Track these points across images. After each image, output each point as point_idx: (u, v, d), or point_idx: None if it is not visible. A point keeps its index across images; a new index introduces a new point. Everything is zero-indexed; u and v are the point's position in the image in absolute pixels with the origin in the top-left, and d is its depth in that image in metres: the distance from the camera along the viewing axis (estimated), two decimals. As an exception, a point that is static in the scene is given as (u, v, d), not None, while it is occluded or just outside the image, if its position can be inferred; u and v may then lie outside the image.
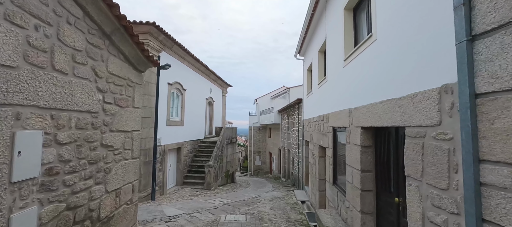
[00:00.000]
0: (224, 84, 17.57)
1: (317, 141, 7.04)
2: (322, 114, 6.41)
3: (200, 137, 13.34)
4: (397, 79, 2.70)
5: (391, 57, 2.85)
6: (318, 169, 6.84)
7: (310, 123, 8.43)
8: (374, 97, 3.22)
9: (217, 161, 11.55)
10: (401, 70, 2.61)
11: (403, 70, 2.58)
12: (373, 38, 3.31)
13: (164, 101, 9.23)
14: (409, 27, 2.47)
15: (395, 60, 2.76)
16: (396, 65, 2.72)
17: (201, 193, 9.77)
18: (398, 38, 2.69)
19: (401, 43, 2.64)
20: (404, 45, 2.56)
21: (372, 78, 3.33)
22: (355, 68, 4.00)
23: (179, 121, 10.59)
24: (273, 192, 10.68)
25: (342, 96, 4.59)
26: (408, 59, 2.49)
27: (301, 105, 10.79)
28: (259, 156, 22.97)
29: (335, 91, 5.16)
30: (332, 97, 5.46)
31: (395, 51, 2.77)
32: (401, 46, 2.64)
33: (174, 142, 10.10)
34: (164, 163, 9.19)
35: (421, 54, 2.27)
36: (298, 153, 11.08)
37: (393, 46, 2.82)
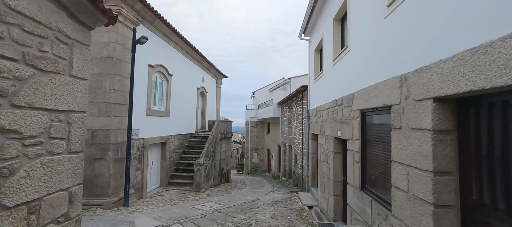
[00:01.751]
0: (219, 74, 16.02)
1: (331, 132, 5.57)
2: (340, 96, 4.94)
3: (190, 131, 11.81)
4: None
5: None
6: (333, 168, 5.38)
7: (319, 112, 6.95)
8: (468, 39, 1.75)
9: (209, 158, 10.05)
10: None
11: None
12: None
13: (143, 86, 7.68)
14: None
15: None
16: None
17: (188, 195, 8.28)
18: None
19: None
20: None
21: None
22: (412, 7, 2.52)
23: (164, 112, 9.05)
24: (273, 194, 9.22)
25: (384, 59, 3.12)
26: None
27: (306, 93, 9.32)
28: (256, 153, 21.51)
29: (367, 57, 3.68)
30: (358, 69, 3.99)
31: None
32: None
33: (158, 136, 8.56)
34: (143, 161, 7.66)
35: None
36: (302, 149, 9.63)
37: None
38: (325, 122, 6.27)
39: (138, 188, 7.48)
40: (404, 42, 2.67)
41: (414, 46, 2.49)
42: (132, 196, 6.88)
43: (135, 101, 7.16)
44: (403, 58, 2.68)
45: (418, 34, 2.42)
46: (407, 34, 2.62)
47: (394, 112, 2.77)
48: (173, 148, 9.94)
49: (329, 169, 5.72)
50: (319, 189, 6.86)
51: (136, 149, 7.32)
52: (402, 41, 2.72)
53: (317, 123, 7.27)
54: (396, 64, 2.81)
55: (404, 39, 2.67)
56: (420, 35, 2.40)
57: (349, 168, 4.35)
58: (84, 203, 5.82)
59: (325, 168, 6.15)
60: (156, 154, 8.95)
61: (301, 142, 9.73)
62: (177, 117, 10.18)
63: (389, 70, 2.92)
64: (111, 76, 6.21)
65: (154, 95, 8.58)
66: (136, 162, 7.33)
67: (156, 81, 8.69)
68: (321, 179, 6.70)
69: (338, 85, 5.17)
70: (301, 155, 9.68)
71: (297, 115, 10.74)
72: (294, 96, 11.23)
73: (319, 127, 7.00)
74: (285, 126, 13.95)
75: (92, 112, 6.09)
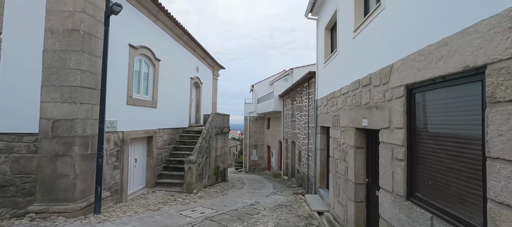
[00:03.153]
0: (215, 64, 14.82)
1: (350, 122, 4.43)
2: (366, 74, 3.80)
3: (182, 125, 10.65)
4: None
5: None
6: (354, 167, 4.25)
7: (332, 99, 5.81)
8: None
9: (202, 155, 8.91)
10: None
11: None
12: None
13: (122, 70, 6.50)
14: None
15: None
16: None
17: (177, 198, 7.14)
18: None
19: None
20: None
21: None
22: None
23: (150, 101, 7.87)
24: (275, 196, 8.10)
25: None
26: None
27: (313, 81, 8.17)
28: (255, 150, 20.39)
29: (422, 4, 2.53)
30: (402, 27, 2.83)
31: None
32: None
33: (142, 129, 7.40)
34: (123, 158, 6.50)
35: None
36: (308, 145, 8.50)
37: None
38: (340, 110, 5.13)
39: (117, 190, 6.33)
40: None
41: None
42: (106, 201, 5.73)
43: (112, 87, 6.00)
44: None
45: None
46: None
47: (495, 75, 1.62)
48: (162, 143, 8.79)
49: (347, 168, 4.59)
50: (332, 191, 5.74)
51: (113, 143, 6.16)
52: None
53: (329, 113, 6.13)
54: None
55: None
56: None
57: (383, 167, 3.22)
58: (41, 210, 4.67)
59: (340, 167, 5.02)
60: (141, 150, 7.79)
61: (307, 137, 8.60)
62: (167, 108, 9.01)
63: (482, 8, 1.76)
64: (78, 54, 5.02)
65: (137, 82, 7.40)
66: (113, 159, 6.18)
67: (141, 65, 7.50)
68: (334, 180, 5.58)
69: (363, 60, 4.01)
70: (307, 152, 8.56)
71: (302, 107, 9.59)
72: (298, 85, 10.07)
73: (331, 118, 5.86)
74: (287, 120, 12.81)
75: (53, 97, 4.92)
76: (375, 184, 3.92)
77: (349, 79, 4.69)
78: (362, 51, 4.09)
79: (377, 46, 3.50)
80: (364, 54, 3.97)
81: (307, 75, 8.13)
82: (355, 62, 4.39)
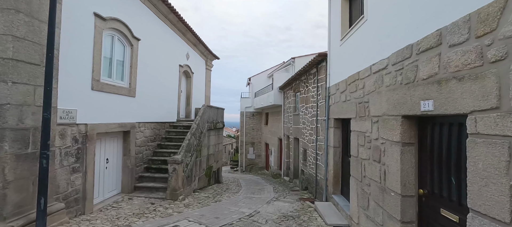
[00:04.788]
0: (208, 53, 13.38)
1: (392, 109, 3.13)
2: (433, 31, 2.47)
3: (170, 119, 9.25)
4: None
5: None
6: (400, 172, 2.95)
7: (355, 82, 4.50)
8: None
9: (191, 154, 7.54)
10: None
11: None
12: None
13: (85, 46, 5.07)
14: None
15: None
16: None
17: (158, 207, 5.78)
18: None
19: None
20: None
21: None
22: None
23: (125, 89, 6.45)
24: (277, 202, 6.79)
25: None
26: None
27: (323, 66, 6.85)
28: (252, 148, 19.06)
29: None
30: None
31: None
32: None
33: (115, 122, 5.98)
34: (86, 158, 5.09)
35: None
36: (316, 142, 7.21)
37: None
38: (371, 94, 3.82)
39: (77, 200, 4.93)
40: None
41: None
42: (59, 215, 4.33)
43: (70, 67, 4.61)
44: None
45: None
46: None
47: None
48: (143, 140, 7.38)
49: (385, 173, 3.29)
50: (354, 201, 4.45)
51: (70, 139, 4.75)
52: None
53: (349, 101, 4.82)
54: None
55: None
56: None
57: (478, 178, 1.91)
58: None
59: (372, 171, 3.72)
60: (114, 147, 6.38)
61: (315, 132, 7.30)
62: (149, 99, 7.60)
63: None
64: (8, 13, 3.60)
65: (108, 64, 5.97)
66: (70, 159, 4.77)
67: (113, 44, 6.06)
68: (358, 186, 4.28)
69: (422, 13, 2.69)
70: (315, 150, 7.26)
71: (308, 98, 8.28)
72: (303, 73, 8.74)
73: (353, 106, 4.55)
74: (288, 115, 11.50)
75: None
76: (438, 199, 2.63)
77: (386, 50, 3.38)
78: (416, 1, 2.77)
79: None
80: (425, 3, 2.64)
81: (316, 58, 6.80)
82: (402, 22, 3.07)
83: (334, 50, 6.02)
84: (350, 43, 4.98)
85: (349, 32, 4.99)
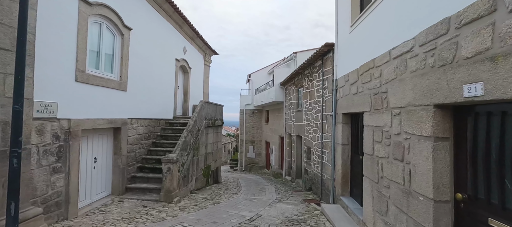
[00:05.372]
0: (207, 48, 12.86)
1: (421, 98, 2.65)
2: (469, 3, 1.98)
3: (166, 116, 8.75)
4: None
5: None
6: (432, 172, 2.46)
7: (369, 71, 4.01)
8: None
9: (188, 152, 7.05)
10: None
11: None
12: None
13: (67, 32, 4.56)
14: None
15: None
16: None
17: (151, 210, 5.29)
18: None
19: None
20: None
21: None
22: None
23: (116, 82, 5.94)
24: (280, 204, 6.31)
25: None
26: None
27: (329, 57, 6.35)
28: (253, 147, 18.57)
29: None
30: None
31: None
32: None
33: (103, 118, 5.49)
34: (69, 156, 4.59)
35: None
36: (322, 139, 6.72)
37: None
38: (390, 83, 3.33)
39: (58, 204, 4.43)
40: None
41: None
42: (36, 221, 3.83)
43: (48, 53, 4.12)
44: None
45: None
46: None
47: None
48: (136, 137, 6.88)
49: (410, 174, 2.80)
50: (369, 205, 3.96)
51: (50, 136, 4.25)
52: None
53: (361, 93, 4.33)
54: None
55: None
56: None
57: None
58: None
59: (392, 171, 3.23)
60: (103, 145, 5.88)
61: (321, 129, 6.81)
62: (142, 94, 7.10)
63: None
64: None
65: (96, 54, 5.47)
66: (51, 159, 4.27)
67: (101, 32, 5.55)
68: (374, 188, 3.80)
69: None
70: (321, 148, 6.77)
71: (312, 93, 7.79)
72: (307, 67, 8.24)
73: (368, 98, 4.06)
74: (290, 111, 11.01)
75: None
76: (484, 206, 2.14)
77: (411, 30, 2.89)
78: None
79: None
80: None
81: (322, 49, 6.30)
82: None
83: (343, 39, 5.52)
84: (362, 28, 4.49)
85: (361, 17, 4.49)
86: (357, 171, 5.06)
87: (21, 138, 3.29)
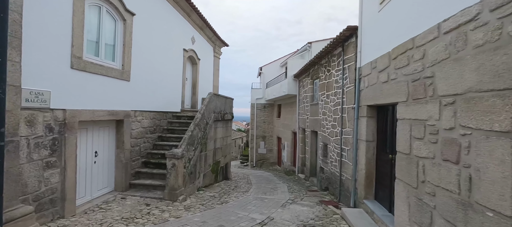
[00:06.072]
0: (217, 39, 12.34)
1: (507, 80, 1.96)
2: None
3: (173, 109, 8.35)
4: None
5: None
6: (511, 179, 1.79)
7: (406, 54, 3.32)
8: None
9: (195, 147, 6.60)
10: None
11: None
12: None
13: (63, 15, 4.14)
14: None
15: None
16: None
17: (154, 209, 4.88)
18: None
19: None
20: None
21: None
22: None
23: (118, 70, 5.53)
24: (294, 205, 5.75)
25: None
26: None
27: (351, 42, 5.63)
28: (264, 142, 18.04)
29: None
30: None
31: None
32: None
33: (104, 109, 5.10)
34: (65, 150, 4.22)
35: None
36: (342, 135, 6.05)
37: None
38: (437, 66, 2.65)
39: (52, 201, 4.08)
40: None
41: None
42: (27, 220, 3.48)
43: (38, 36, 3.73)
44: None
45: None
46: None
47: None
48: (141, 131, 6.50)
49: (471, 181, 2.15)
50: (404, 215, 3.31)
51: (42, 128, 3.87)
52: None
53: (394, 81, 3.65)
54: None
55: None
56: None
57: None
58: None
59: (438, 175, 2.57)
60: (105, 139, 5.51)
61: (340, 124, 6.14)
62: (147, 84, 6.68)
63: None
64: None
65: (95, 40, 5.05)
66: (44, 152, 3.90)
67: (101, 16, 5.13)
68: (409, 193, 3.14)
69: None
70: (340, 144, 6.11)
71: (330, 85, 7.09)
72: (324, 56, 7.53)
73: (402, 87, 3.38)
74: (305, 105, 10.33)
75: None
76: None
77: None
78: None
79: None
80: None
81: (343, 33, 5.58)
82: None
83: (369, 20, 4.80)
84: (396, 3, 3.77)
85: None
86: (384, 171, 4.40)
87: (3, 129, 2.86)
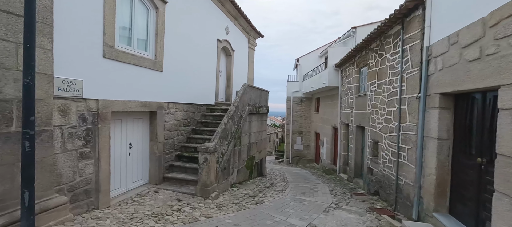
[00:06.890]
0: (251, 29, 11.82)
1: None
2: None
3: (207, 101, 8.13)
4: None
5: None
6: None
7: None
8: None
9: (228, 141, 6.23)
10: None
11: None
12: None
13: (93, 1, 4.01)
14: None
15: None
16: None
17: (185, 205, 4.61)
18: None
19: None
20: None
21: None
22: None
23: (150, 60, 5.38)
24: (339, 211, 4.96)
25: None
26: None
27: (414, 17, 4.54)
28: (300, 138, 17.15)
29: None
30: None
31: None
32: None
33: (136, 100, 4.98)
34: (99, 141, 4.14)
35: None
36: (399, 131, 5.02)
37: None
38: None
39: (88, 192, 4.04)
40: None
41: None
42: (59, 211, 3.43)
43: (70, 23, 3.63)
44: None
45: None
46: None
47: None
48: (174, 123, 6.35)
49: None
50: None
51: (76, 117, 3.80)
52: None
53: (493, 56, 2.63)
54: None
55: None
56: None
57: None
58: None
59: None
60: (138, 130, 5.43)
61: (397, 118, 5.10)
62: (180, 75, 6.49)
63: None
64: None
65: (127, 29, 4.93)
66: (78, 143, 3.84)
67: (132, 3, 4.98)
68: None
69: None
70: (397, 142, 5.08)
71: (382, 72, 6.01)
72: (374, 39, 6.44)
73: (508, 64, 2.37)
74: (349, 97, 9.23)
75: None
76: None
77: None
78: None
79: None
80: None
81: (406, 5, 4.49)
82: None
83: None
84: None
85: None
86: (467, 179, 3.37)
87: (33, 118, 2.71)
